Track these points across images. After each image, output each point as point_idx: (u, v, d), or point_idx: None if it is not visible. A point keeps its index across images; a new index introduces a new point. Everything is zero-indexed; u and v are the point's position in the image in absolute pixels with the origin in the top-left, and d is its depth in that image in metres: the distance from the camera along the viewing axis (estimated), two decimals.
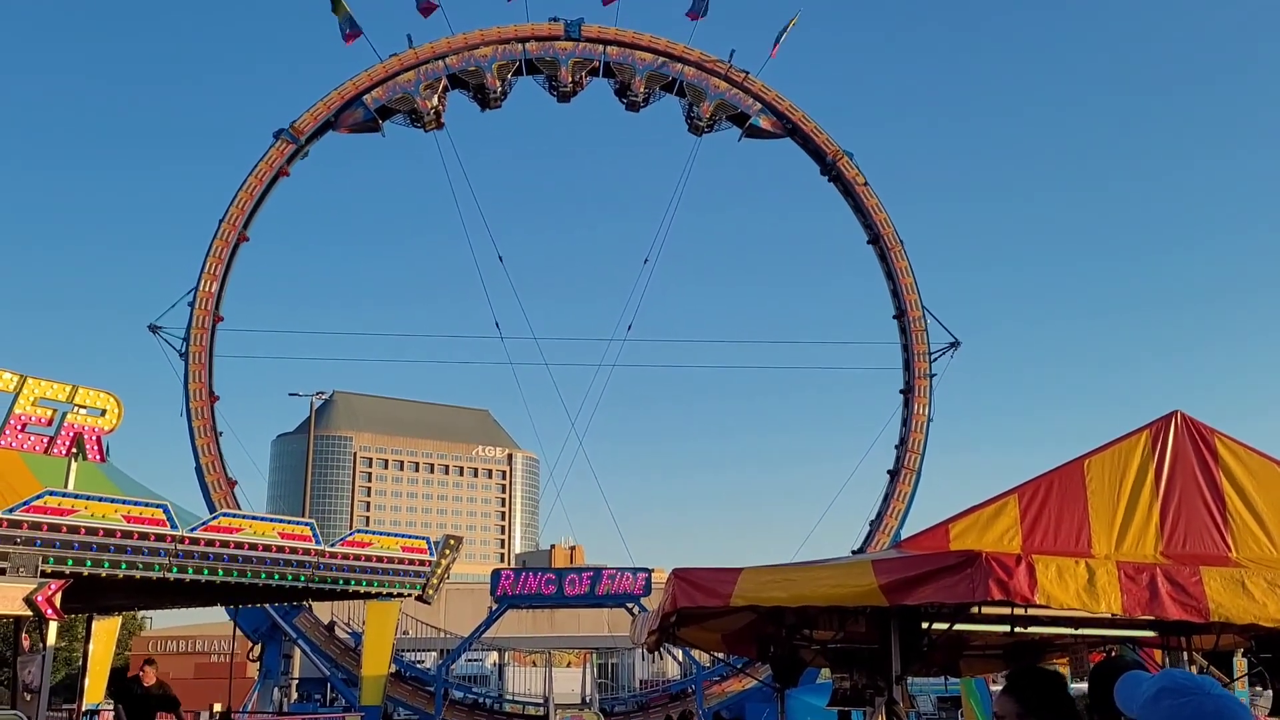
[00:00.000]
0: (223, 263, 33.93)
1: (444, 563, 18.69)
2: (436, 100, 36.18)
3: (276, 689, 32.77)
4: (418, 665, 35.91)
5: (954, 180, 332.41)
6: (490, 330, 40.11)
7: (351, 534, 17.05)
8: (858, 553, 30.00)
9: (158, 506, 14.08)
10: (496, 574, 32.73)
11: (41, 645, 13.63)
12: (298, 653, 34.45)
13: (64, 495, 13.27)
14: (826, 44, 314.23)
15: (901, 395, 36.46)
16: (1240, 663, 14.47)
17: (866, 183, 37.41)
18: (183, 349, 32.88)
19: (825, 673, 11.65)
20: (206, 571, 14.35)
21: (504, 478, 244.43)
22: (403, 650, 34.93)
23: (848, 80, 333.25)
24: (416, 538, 17.76)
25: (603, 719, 32.38)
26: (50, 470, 14.95)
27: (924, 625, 7.37)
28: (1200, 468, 7.14)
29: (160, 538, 13.78)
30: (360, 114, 35.76)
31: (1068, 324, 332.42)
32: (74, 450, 14.56)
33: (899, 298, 36.87)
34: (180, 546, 13.96)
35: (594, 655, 48.57)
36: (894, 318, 37.08)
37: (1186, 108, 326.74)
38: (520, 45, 36.71)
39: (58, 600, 12.27)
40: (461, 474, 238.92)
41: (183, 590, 16.64)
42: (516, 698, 37.95)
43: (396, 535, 17.53)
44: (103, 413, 14.99)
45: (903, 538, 8.65)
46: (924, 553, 6.43)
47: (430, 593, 18.38)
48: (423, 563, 17.46)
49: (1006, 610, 7.48)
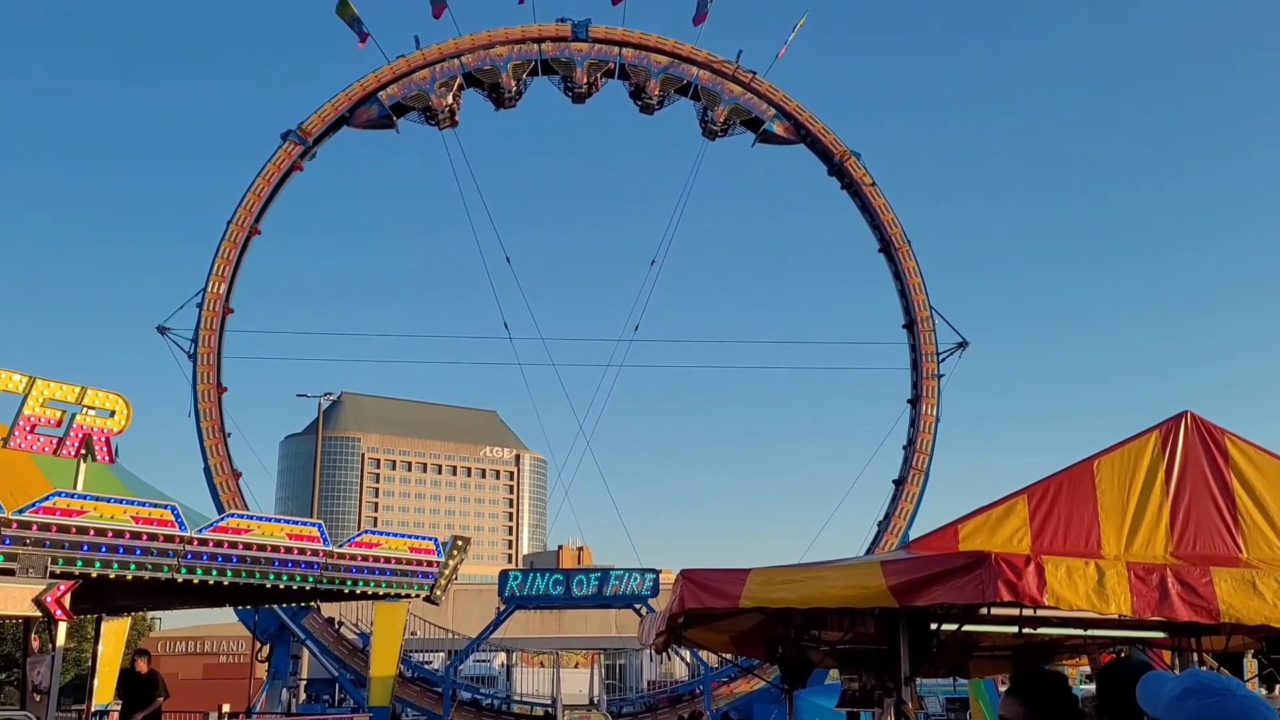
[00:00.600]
0: (231, 264, 34.00)
1: (452, 563, 18.71)
2: (451, 98, 36.23)
3: (285, 689, 32.84)
4: (426, 666, 35.93)
5: (962, 181, 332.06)
6: (498, 331, 40.07)
7: (359, 535, 17.06)
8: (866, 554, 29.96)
9: (166, 507, 14.11)
10: (504, 575, 32.74)
11: (51, 646, 13.67)
12: (306, 653, 34.48)
13: (73, 496, 13.31)
14: (834, 45, 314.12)
15: (909, 404, 36.36)
16: (1251, 664, 14.42)
17: (874, 183, 37.34)
18: (191, 350, 32.98)
19: (834, 674, 11.64)
20: (215, 572, 14.37)
21: (512, 478, 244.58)
22: (411, 651, 34.94)
23: (855, 81, 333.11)
24: (424, 538, 17.77)
25: None
26: (59, 471, 14.99)
27: (933, 626, 7.36)
28: (1210, 468, 7.11)
29: (169, 538, 13.81)
30: (375, 110, 35.83)
31: (1076, 324, 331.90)
32: (83, 451, 14.59)
33: (906, 298, 36.80)
34: (189, 547, 13.99)
35: (602, 656, 48.61)
36: (904, 327, 37.02)
37: (1198, 109, 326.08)
38: (536, 45, 36.72)
39: (67, 601, 12.30)
40: (469, 475, 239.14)
41: (191, 591, 16.66)
42: (524, 698, 38.01)
43: (404, 536, 17.54)
44: (111, 414, 15.01)
45: (911, 538, 8.64)
46: (933, 553, 6.42)
47: (438, 593, 18.40)
48: (430, 563, 17.47)
49: (1015, 611, 7.46)
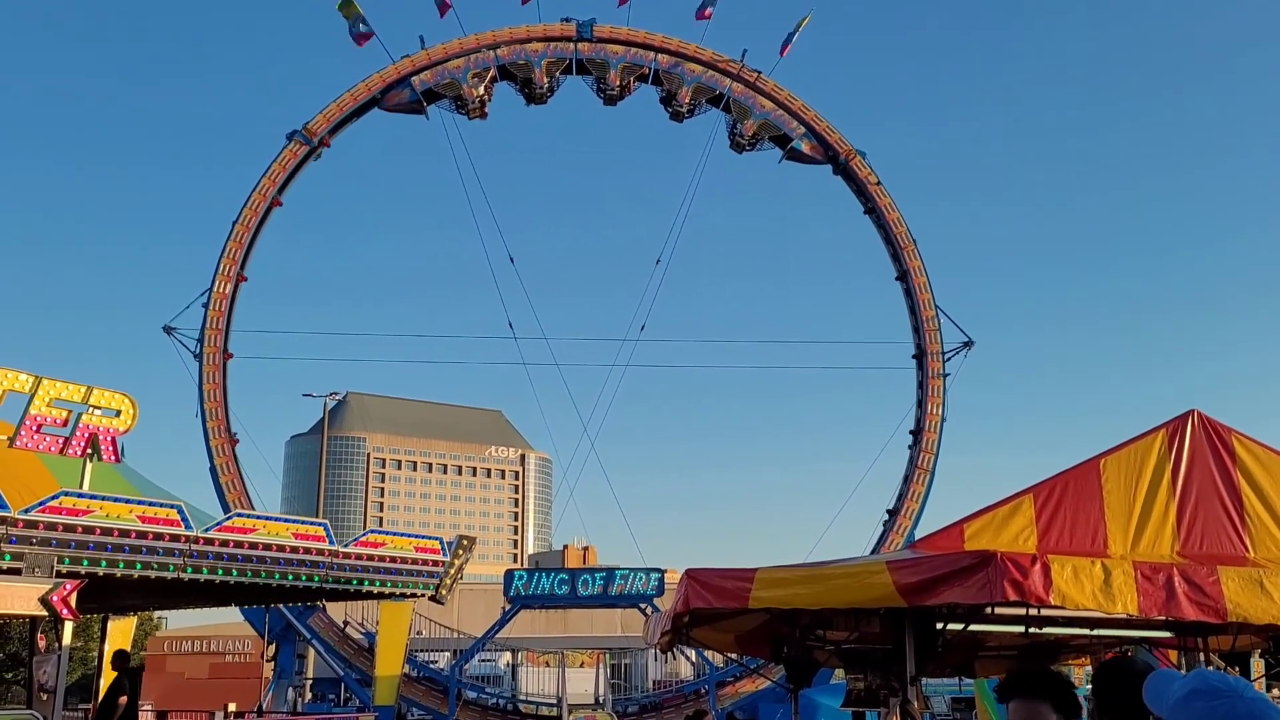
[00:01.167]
0: (237, 264, 34.06)
1: (457, 563, 18.69)
2: (483, 89, 36.35)
3: (291, 689, 32.87)
4: (431, 665, 35.98)
5: (966, 181, 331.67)
6: (503, 331, 40.18)
7: (365, 534, 17.09)
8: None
9: (172, 507, 14.14)
10: (510, 574, 32.77)
11: (57, 645, 13.69)
12: (312, 653, 34.52)
13: (79, 496, 13.34)
14: (838, 44, 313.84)
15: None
16: (1258, 663, 14.38)
17: (879, 182, 37.31)
18: (197, 350, 33.03)
19: (839, 673, 11.63)
20: (221, 572, 14.40)
21: (517, 478, 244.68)
22: (416, 650, 34.97)
23: (859, 80, 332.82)
24: (429, 538, 17.79)
25: None
26: (66, 471, 15.02)
27: (938, 626, 7.34)
28: (1217, 467, 7.09)
29: (175, 538, 13.84)
30: (407, 95, 35.96)
31: (1082, 323, 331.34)
32: (89, 451, 14.62)
33: (911, 298, 36.76)
34: (195, 547, 14.02)
35: (607, 655, 48.54)
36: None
37: (1199, 108, 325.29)
38: (572, 45, 36.72)
39: (73, 600, 12.33)
40: (474, 474, 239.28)
41: (197, 590, 16.70)
42: (530, 698, 37.97)
43: (410, 536, 17.56)
44: (117, 413, 15.05)
45: (917, 538, 8.62)
46: (939, 553, 6.40)
47: (443, 593, 18.39)
48: (436, 563, 17.49)
49: (1021, 611, 7.45)
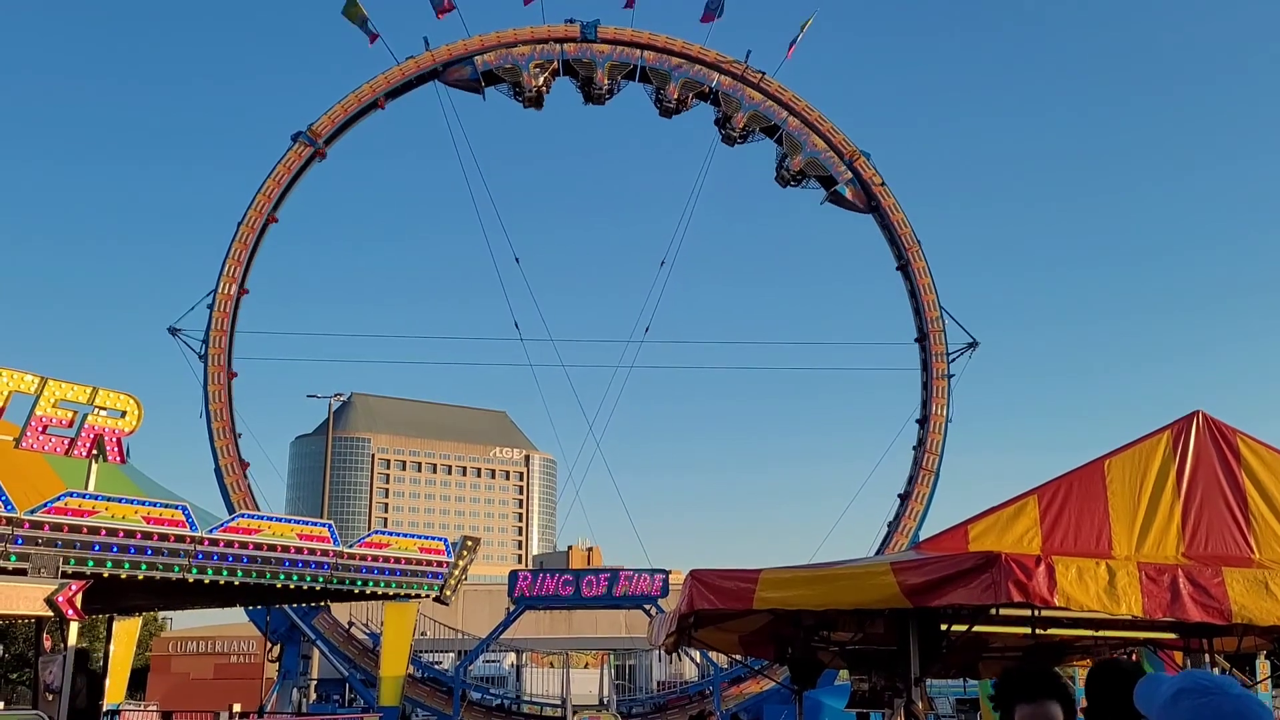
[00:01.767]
0: (242, 265, 34.12)
1: (461, 564, 18.69)
2: (543, 80, 36.57)
3: (295, 689, 32.91)
4: (436, 666, 36.00)
5: (970, 180, 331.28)
6: (508, 332, 40.22)
7: (369, 535, 17.11)
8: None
9: (177, 508, 14.17)
10: (514, 575, 32.77)
11: (63, 645, 13.73)
12: (316, 653, 34.56)
13: (84, 496, 13.37)
14: (841, 43, 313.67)
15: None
16: (1263, 665, 14.35)
17: (884, 183, 37.29)
18: (202, 351, 33.09)
19: (844, 674, 11.62)
20: (225, 572, 14.43)
21: (521, 479, 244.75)
22: (421, 651, 35.00)
23: (862, 79, 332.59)
24: (434, 539, 17.80)
25: None
26: (71, 471, 15.05)
27: (943, 627, 7.34)
28: (1222, 468, 7.08)
29: (180, 539, 13.87)
30: (468, 72, 36.21)
31: (1088, 323, 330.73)
32: (94, 452, 14.65)
33: (916, 299, 36.72)
34: (199, 547, 14.05)
35: (611, 656, 48.55)
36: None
37: (1210, 107, 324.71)
38: (639, 51, 36.82)
39: (78, 601, 12.35)
40: (479, 475, 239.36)
41: (202, 591, 16.72)
42: (534, 699, 38.02)
43: (414, 536, 17.58)
44: (123, 414, 15.07)
45: (921, 539, 8.62)
46: (943, 554, 6.40)
47: (448, 594, 18.39)
48: (440, 564, 17.50)
49: (1026, 612, 7.43)
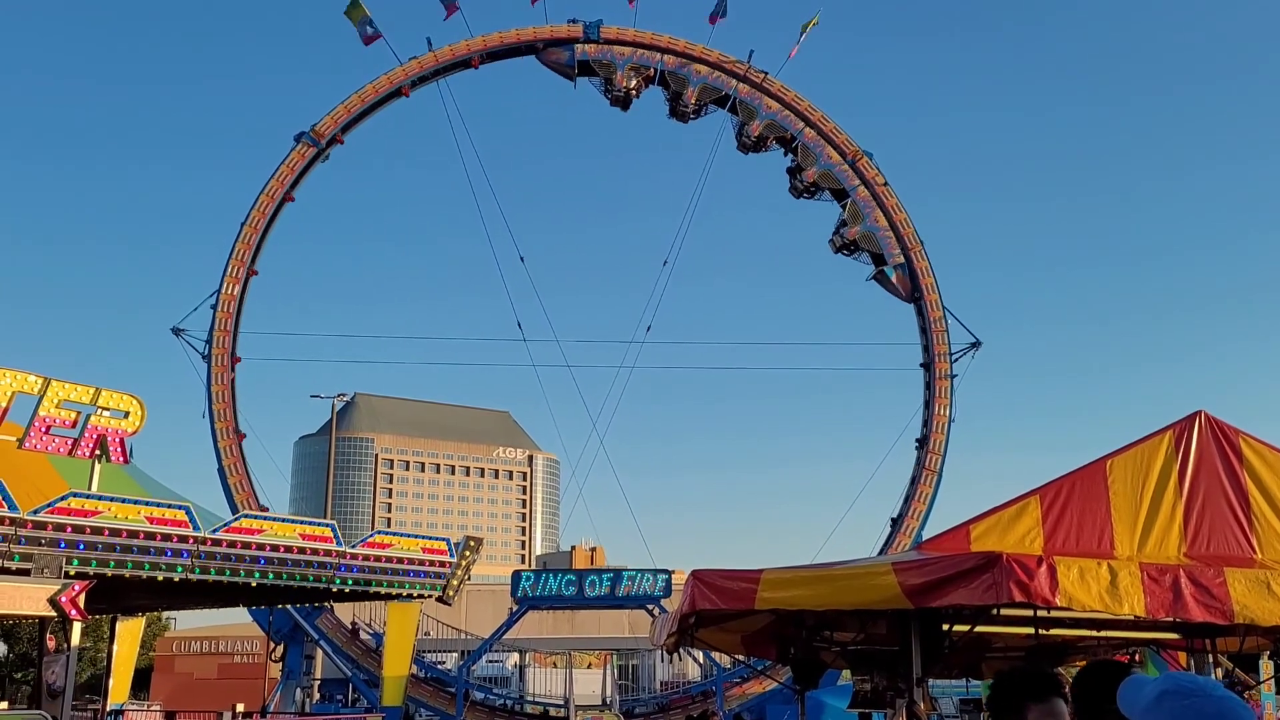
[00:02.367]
0: (245, 265, 34.16)
1: (464, 564, 18.73)
2: (635, 84, 36.85)
3: (299, 689, 32.95)
4: (439, 666, 36.03)
5: (973, 180, 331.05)
6: (511, 332, 40.22)
7: (372, 535, 17.13)
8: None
9: (180, 508, 14.19)
10: (517, 575, 32.78)
11: (66, 646, 13.76)
12: (320, 653, 34.60)
13: (88, 497, 13.40)
14: (844, 43, 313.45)
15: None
16: (1266, 665, 14.34)
17: (886, 183, 37.28)
18: (205, 351, 33.13)
19: (846, 674, 11.61)
20: (228, 572, 14.44)
21: (525, 479, 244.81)
22: (424, 651, 35.04)
23: (864, 79, 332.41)
24: (437, 539, 17.82)
25: None
26: (74, 472, 15.08)
27: (945, 627, 7.33)
28: (1224, 468, 7.07)
29: (183, 539, 13.88)
30: (566, 57, 36.59)
31: (1089, 323, 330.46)
32: (98, 452, 14.68)
33: (920, 300, 36.70)
34: (202, 548, 14.06)
35: (614, 656, 48.57)
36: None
37: (1213, 106, 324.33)
38: (731, 79, 36.89)
39: (82, 601, 12.37)
40: (482, 475, 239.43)
41: (205, 591, 16.75)
42: (537, 699, 38.04)
43: (417, 537, 17.60)
44: (126, 415, 15.11)
45: (924, 538, 8.61)
46: (945, 554, 6.40)
47: (451, 594, 18.42)
48: (443, 564, 17.51)
49: (1028, 612, 7.43)
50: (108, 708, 22.41)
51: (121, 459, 15.23)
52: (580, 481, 59.17)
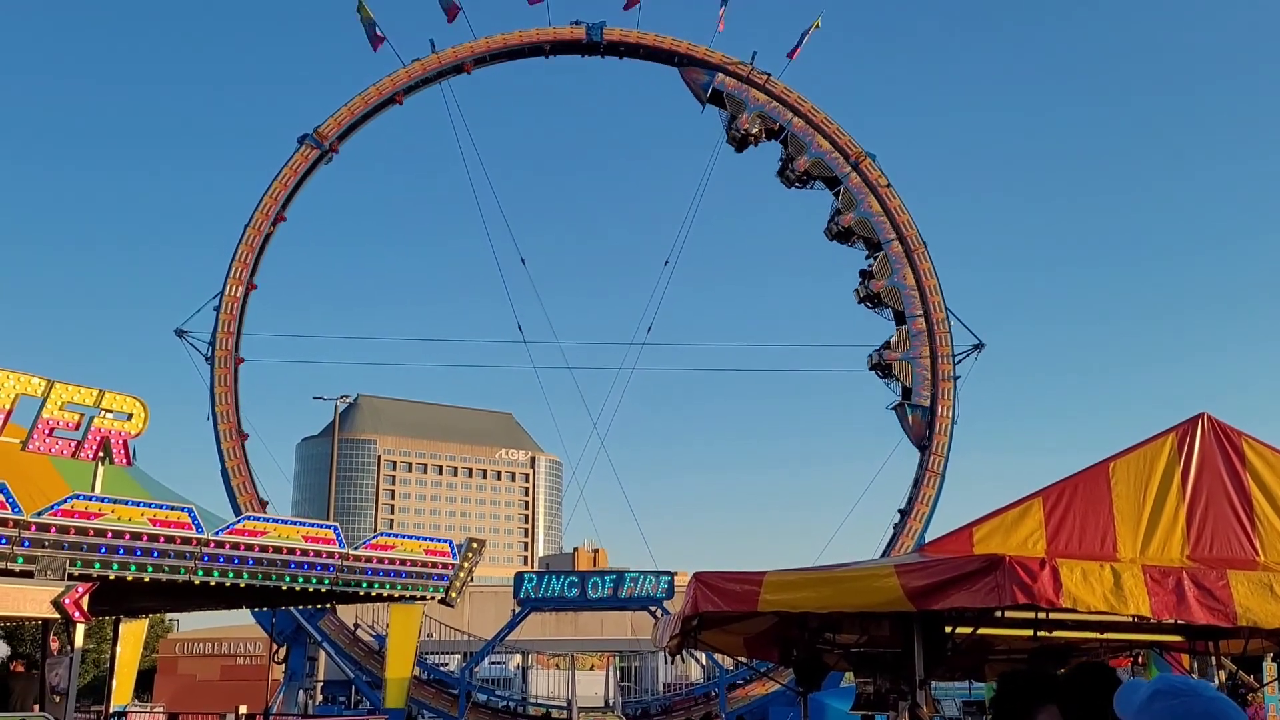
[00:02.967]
0: (249, 267, 34.18)
1: (467, 565, 18.72)
2: (757, 130, 36.71)
3: (301, 691, 32.96)
4: (441, 668, 36.01)
5: (976, 180, 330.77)
6: (513, 334, 40.21)
7: (375, 537, 17.12)
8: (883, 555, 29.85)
9: (183, 510, 14.19)
10: (520, 577, 32.79)
11: (69, 647, 13.77)
12: (322, 655, 34.60)
13: (91, 499, 13.40)
14: (846, 42, 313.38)
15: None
16: (1270, 667, 14.33)
17: (889, 184, 37.26)
18: (208, 353, 33.15)
19: (849, 676, 11.61)
20: (232, 574, 14.44)
21: (527, 480, 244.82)
22: (426, 653, 35.03)
23: (867, 79, 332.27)
24: (440, 540, 17.82)
25: None
26: (77, 474, 15.09)
27: (947, 629, 7.33)
28: (1227, 470, 7.07)
29: (186, 541, 13.88)
30: (705, 80, 36.58)
31: (1092, 325, 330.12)
32: (101, 454, 14.69)
33: (923, 300, 36.68)
34: (206, 550, 14.06)
35: (617, 658, 48.57)
36: (924, 336, 36.95)
37: (1218, 106, 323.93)
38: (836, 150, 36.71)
39: (85, 603, 12.37)
40: (485, 477, 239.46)
41: (208, 593, 16.75)
42: (540, 700, 38.04)
43: (420, 538, 17.59)
44: (129, 417, 15.11)
45: (927, 541, 8.61)
46: (948, 556, 6.40)
47: (453, 595, 18.40)
48: (446, 565, 17.51)
49: (1031, 614, 7.43)
50: (111, 710, 22.42)
51: (125, 461, 15.24)
52: (582, 483, 59.17)
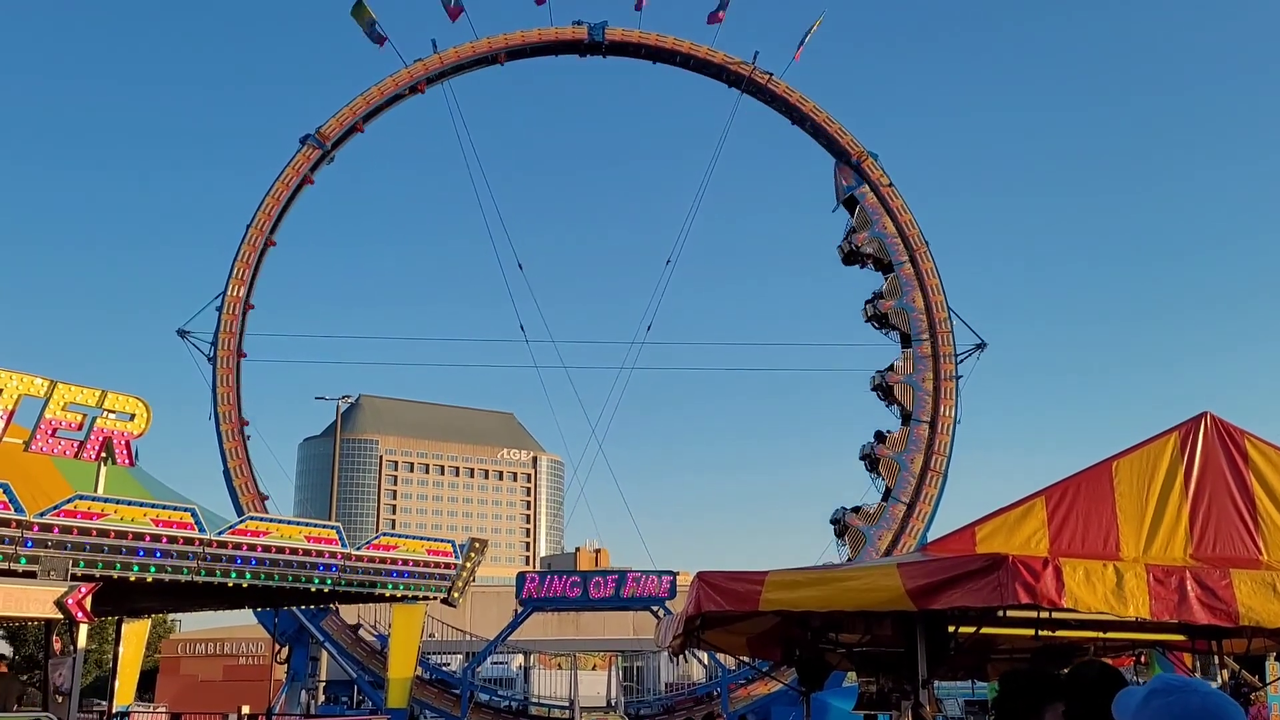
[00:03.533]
0: (250, 267, 34.19)
1: (469, 565, 18.74)
2: (868, 255, 36.81)
3: (304, 691, 32.96)
4: (444, 668, 36.01)
5: (979, 180, 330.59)
6: (514, 334, 40.22)
7: (377, 537, 17.13)
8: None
9: (186, 510, 14.20)
10: (521, 577, 32.78)
11: (72, 648, 13.77)
12: (325, 655, 34.61)
13: (94, 499, 13.41)
14: (849, 42, 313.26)
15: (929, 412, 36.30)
16: (1273, 667, 14.32)
17: (891, 184, 37.25)
18: (211, 353, 33.16)
19: (851, 676, 11.61)
20: (234, 574, 14.46)
21: (529, 480, 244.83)
22: (429, 653, 35.03)
23: (869, 79, 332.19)
24: (442, 541, 17.83)
25: None
26: (80, 474, 15.10)
27: (950, 629, 7.32)
28: (1230, 469, 7.06)
29: (189, 541, 13.90)
30: (851, 183, 36.89)
31: (1095, 324, 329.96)
32: (103, 454, 14.69)
33: (925, 300, 36.65)
34: (208, 550, 14.07)
35: (619, 658, 48.58)
36: (925, 338, 36.90)
37: (1222, 105, 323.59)
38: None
39: (88, 603, 12.39)
40: (486, 477, 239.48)
41: (211, 593, 16.78)
42: (542, 700, 38.04)
43: (422, 538, 17.59)
44: (132, 417, 15.11)
45: (929, 540, 8.61)
46: (950, 556, 6.39)
47: (456, 595, 18.43)
48: (448, 565, 17.52)
49: (1034, 614, 7.43)
50: (113, 710, 22.43)
51: (127, 461, 15.24)
52: (583, 483, 59.13)
